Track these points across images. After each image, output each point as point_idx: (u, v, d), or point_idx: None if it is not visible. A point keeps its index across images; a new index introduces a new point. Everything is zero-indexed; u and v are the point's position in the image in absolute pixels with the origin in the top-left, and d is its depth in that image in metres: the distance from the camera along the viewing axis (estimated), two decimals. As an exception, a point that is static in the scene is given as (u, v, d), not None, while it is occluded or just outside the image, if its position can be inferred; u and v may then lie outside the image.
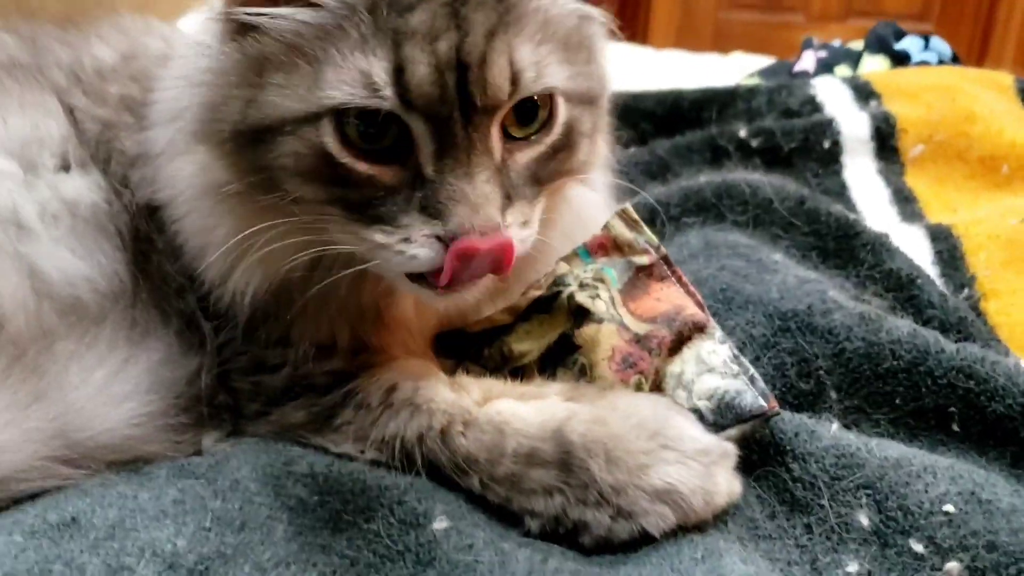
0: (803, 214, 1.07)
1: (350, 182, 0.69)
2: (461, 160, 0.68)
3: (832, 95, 1.46)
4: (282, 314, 0.79)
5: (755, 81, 1.69)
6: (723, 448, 0.72)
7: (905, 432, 0.82)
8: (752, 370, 0.78)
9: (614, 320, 0.81)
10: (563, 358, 0.82)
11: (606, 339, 0.81)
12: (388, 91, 0.66)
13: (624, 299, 0.83)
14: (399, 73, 0.66)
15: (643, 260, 0.86)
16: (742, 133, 1.36)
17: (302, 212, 0.72)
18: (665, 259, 0.87)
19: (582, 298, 0.83)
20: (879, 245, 1.04)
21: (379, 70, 0.66)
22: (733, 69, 1.99)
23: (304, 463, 0.73)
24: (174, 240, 0.80)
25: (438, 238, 0.67)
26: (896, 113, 1.36)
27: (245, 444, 0.76)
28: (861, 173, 1.32)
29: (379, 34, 0.67)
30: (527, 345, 0.84)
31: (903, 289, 0.99)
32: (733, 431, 0.76)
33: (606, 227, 0.87)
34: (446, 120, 0.68)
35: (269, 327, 0.80)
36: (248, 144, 0.71)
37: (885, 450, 0.75)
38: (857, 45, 1.96)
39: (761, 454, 0.76)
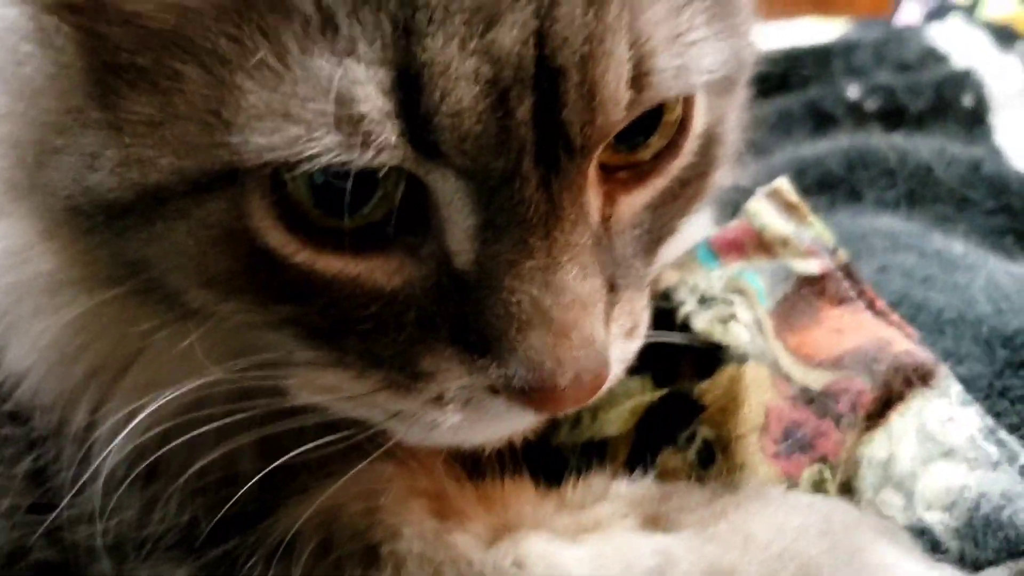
0: (982, 184, 0.73)
1: (307, 292, 0.36)
2: (533, 242, 0.36)
3: (959, 42, 1.12)
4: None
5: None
6: None
7: None
8: (1025, 454, 0.44)
9: (765, 358, 0.47)
10: (671, 433, 0.48)
11: (756, 393, 0.46)
12: (387, 129, 0.33)
13: (778, 326, 0.49)
14: (409, 90, 0.33)
15: (809, 267, 0.53)
16: (852, 94, 1.03)
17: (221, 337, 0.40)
18: (845, 269, 0.54)
19: (706, 323, 0.49)
20: (1107, 225, 0.69)
21: (368, 87, 0.33)
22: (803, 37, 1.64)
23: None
24: None
25: (494, 390, 0.37)
26: (1057, 55, 1.03)
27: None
28: (1021, 135, 0.98)
29: (359, 6, 0.33)
30: (609, 417, 0.48)
31: None
32: (999, 572, 0.41)
33: (745, 214, 0.54)
34: (506, 177, 0.35)
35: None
36: (102, 226, 0.37)
37: None
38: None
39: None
